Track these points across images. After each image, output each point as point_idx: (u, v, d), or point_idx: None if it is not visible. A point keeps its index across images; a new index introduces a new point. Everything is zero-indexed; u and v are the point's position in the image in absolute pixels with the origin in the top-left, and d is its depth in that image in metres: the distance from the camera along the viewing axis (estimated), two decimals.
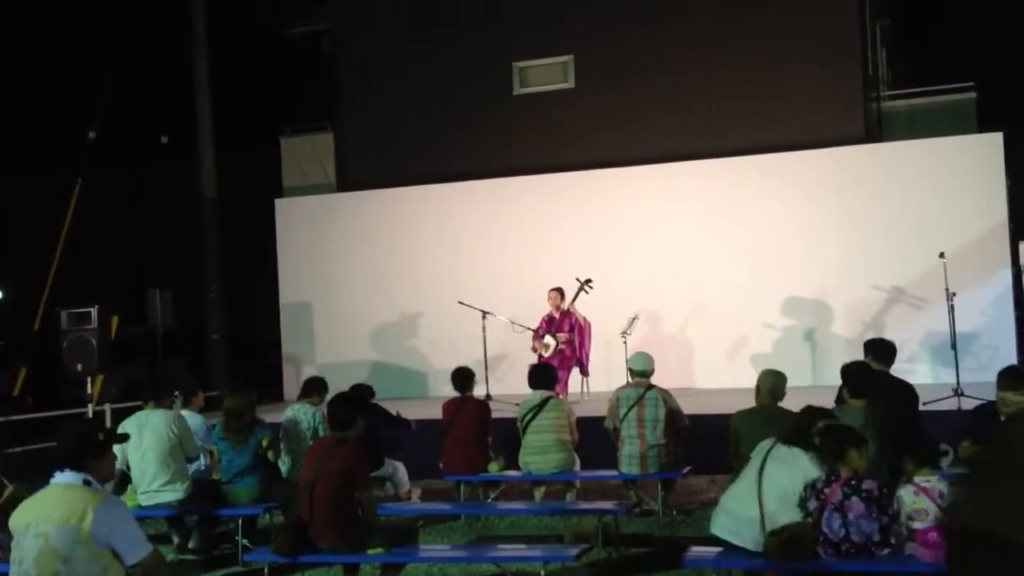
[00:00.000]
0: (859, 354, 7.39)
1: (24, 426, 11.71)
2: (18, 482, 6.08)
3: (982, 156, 12.03)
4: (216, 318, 15.23)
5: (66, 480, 3.99)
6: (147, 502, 7.21)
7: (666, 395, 7.87)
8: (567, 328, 11.30)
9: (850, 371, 6.64)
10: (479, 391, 9.26)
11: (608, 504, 7.19)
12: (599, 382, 11.52)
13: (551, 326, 11.35)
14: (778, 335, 12.33)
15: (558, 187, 13.43)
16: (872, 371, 6.87)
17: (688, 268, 12.69)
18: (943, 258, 10.04)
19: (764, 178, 12.68)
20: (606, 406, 8.09)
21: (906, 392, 6.93)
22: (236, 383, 8.00)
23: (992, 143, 12.09)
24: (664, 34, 13.71)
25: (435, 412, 8.71)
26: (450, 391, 8.61)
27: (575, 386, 11.49)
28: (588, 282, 11.44)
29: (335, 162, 15.69)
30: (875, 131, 13.70)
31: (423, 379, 13.63)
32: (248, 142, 18.78)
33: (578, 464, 8.10)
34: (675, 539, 6.98)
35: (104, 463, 4.17)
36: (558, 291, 11.48)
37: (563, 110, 14.08)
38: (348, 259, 14.22)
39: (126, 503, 4.67)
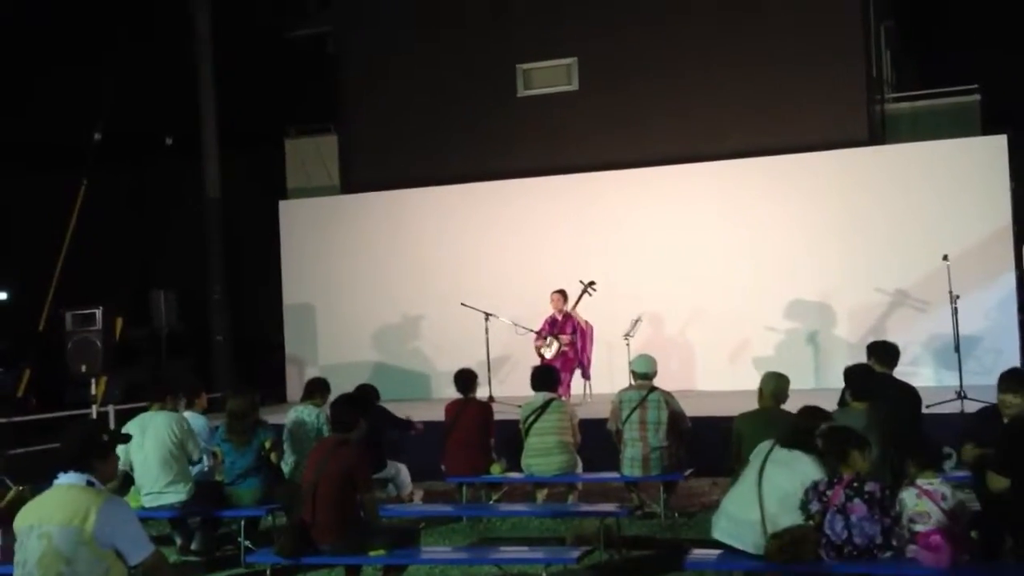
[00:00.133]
0: (862, 357, 7.39)
1: (28, 427, 11.73)
2: (22, 484, 6.10)
3: (986, 159, 12.01)
4: (220, 319, 15.26)
5: (69, 481, 4.00)
6: (150, 504, 7.23)
7: (668, 397, 7.87)
8: (569, 331, 11.30)
9: (853, 374, 6.64)
10: (482, 393, 9.27)
11: (610, 506, 7.17)
12: (601, 384, 11.52)
13: (554, 328, 11.35)
14: (781, 337, 12.32)
15: (561, 189, 13.43)
16: (875, 374, 6.87)
17: (691, 270, 12.68)
18: (946, 261, 10.03)
19: (767, 180, 12.67)
20: (608, 408, 8.09)
21: (909, 395, 6.93)
22: (239, 385, 8.02)
23: (996, 145, 12.07)
24: (668, 36, 13.70)
25: (438, 414, 8.71)
26: (453, 393, 8.61)
27: (577, 388, 11.48)
28: (591, 284, 11.44)
29: (339, 164, 15.70)
30: (879, 133, 13.69)
31: (426, 381, 13.64)
32: (252, 144, 18.82)
33: (580, 466, 8.10)
34: (677, 541, 6.97)
35: (108, 464, 4.19)
36: (561, 293, 11.48)
37: (567, 112, 14.08)
38: (352, 261, 14.24)
39: (129, 504, 4.67)
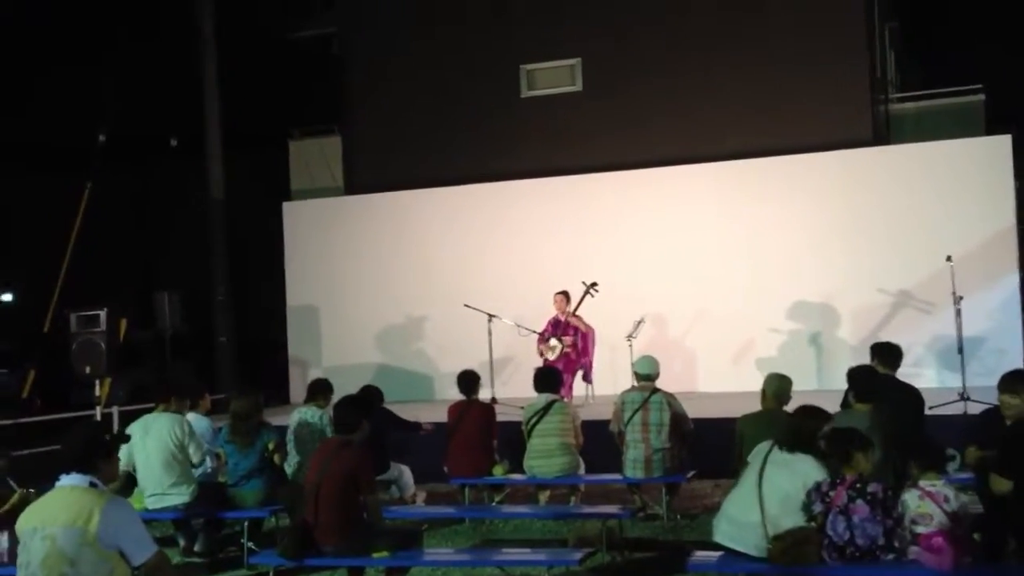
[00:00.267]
0: (865, 358, 7.39)
1: (33, 428, 11.75)
2: (26, 486, 6.11)
3: (990, 159, 11.99)
4: (224, 321, 15.26)
5: (72, 482, 4.01)
6: (154, 505, 7.24)
7: (671, 399, 7.86)
8: (572, 332, 11.29)
9: (856, 375, 6.63)
10: (484, 394, 9.26)
11: (612, 508, 7.18)
12: (604, 386, 11.52)
13: (556, 329, 11.34)
14: (784, 339, 12.31)
15: (565, 190, 13.43)
16: (878, 375, 6.86)
17: (694, 271, 12.67)
18: (950, 261, 10.00)
19: (771, 181, 12.66)
20: (611, 410, 8.09)
21: (912, 396, 6.92)
22: (243, 386, 8.03)
23: (1000, 146, 12.04)
24: (671, 37, 13.70)
25: (440, 415, 8.72)
26: (455, 394, 8.62)
27: (580, 389, 11.49)
28: (594, 285, 11.44)
29: (343, 165, 15.71)
30: (883, 133, 13.67)
31: (429, 382, 13.64)
32: (256, 145, 18.84)
33: (583, 468, 8.09)
34: (679, 543, 6.96)
35: (111, 465, 4.21)
36: (564, 294, 11.48)
37: (570, 113, 14.08)
38: (355, 262, 14.24)
39: (132, 505, 4.69)
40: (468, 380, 8.47)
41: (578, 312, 11.41)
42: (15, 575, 4.05)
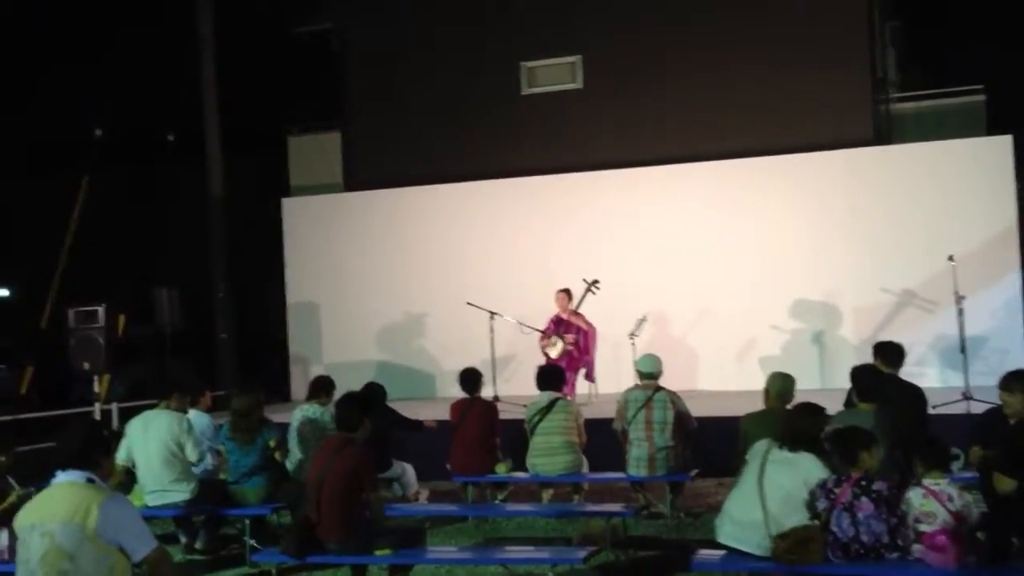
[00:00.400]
0: (868, 357, 7.38)
1: (31, 425, 11.72)
2: (26, 483, 6.08)
3: (991, 159, 11.98)
4: (224, 317, 15.23)
5: (70, 479, 4.00)
6: (154, 502, 7.22)
7: (674, 397, 7.85)
8: (574, 330, 11.27)
9: (859, 374, 6.62)
10: (487, 392, 9.24)
11: (616, 506, 7.17)
12: (607, 384, 11.50)
13: (559, 327, 11.33)
14: (786, 337, 12.30)
15: (566, 188, 13.41)
16: (881, 374, 6.86)
17: (696, 270, 12.66)
18: (952, 261, 10.00)
19: (772, 180, 12.65)
20: (614, 408, 8.07)
21: (915, 396, 6.91)
22: (244, 383, 8.02)
23: (1001, 146, 12.03)
24: (673, 35, 13.67)
25: (443, 413, 8.70)
26: (458, 392, 8.60)
27: (583, 387, 11.48)
28: (595, 283, 11.42)
29: (342, 161, 15.67)
30: (884, 133, 13.65)
31: (431, 380, 13.63)
32: (256, 141, 18.79)
33: (586, 466, 8.08)
34: (683, 542, 6.95)
35: (108, 461, 4.23)
36: (566, 292, 11.47)
37: (571, 110, 14.05)
38: (355, 259, 14.22)
39: (131, 500, 4.68)
40: (471, 378, 8.45)
41: (580, 310, 11.40)
42: (15, 572, 4.02)
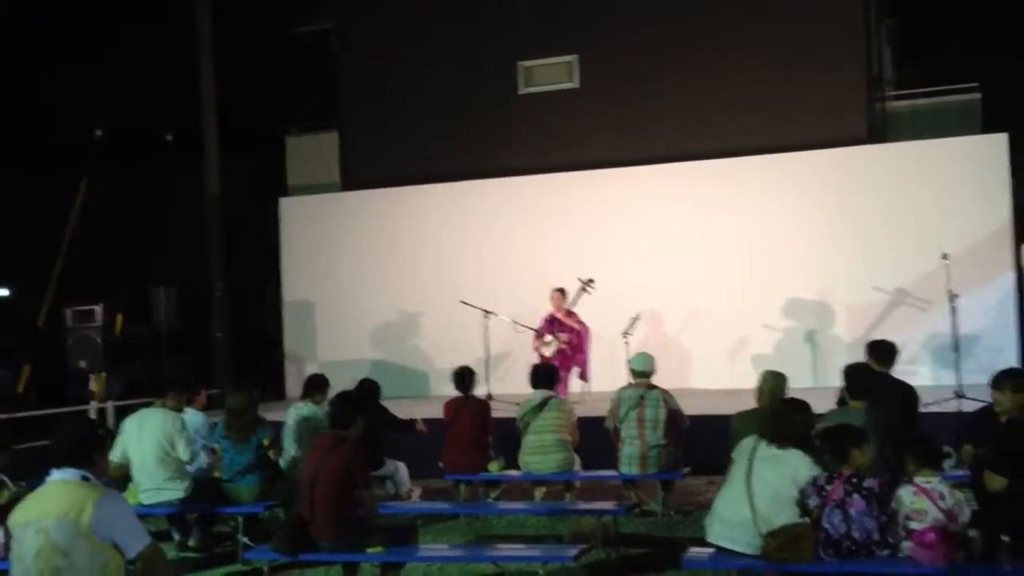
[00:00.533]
0: (860, 355, 7.40)
1: (28, 423, 11.73)
2: (21, 482, 6.09)
3: (986, 157, 11.99)
4: (220, 316, 15.25)
5: (64, 477, 4.02)
6: (148, 500, 7.24)
7: (667, 396, 7.87)
8: (568, 329, 11.29)
9: (851, 372, 6.65)
10: (480, 391, 9.27)
11: (608, 504, 7.19)
12: (600, 382, 11.51)
13: (553, 326, 11.35)
14: (779, 336, 12.32)
15: (561, 187, 13.43)
16: (873, 373, 6.88)
17: (690, 268, 12.68)
18: (946, 259, 10.02)
19: (767, 178, 12.67)
20: (607, 406, 8.10)
21: (906, 394, 6.94)
22: (239, 382, 8.04)
23: (996, 144, 12.03)
24: (669, 34, 13.68)
25: (436, 411, 8.73)
26: (451, 390, 8.62)
27: (576, 386, 11.49)
28: (590, 282, 11.45)
29: (339, 161, 15.69)
30: (879, 132, 13.68)
31: (424, 378, 13.65)
32: (253, 141, 18.80)
33: (578, 464, 8.11)
34: (674, 540, 6.98)
35: (103, 459, 4.26)
36: (560, 291, 11.49)
37: (567, 110, 14.06)
38: (352, 258, 14.24)
39: (125, 497, 4.71)
40: (464, 376, 8.48)
41: (574, 309, 11.42)
42: (9, 569, 4.05)
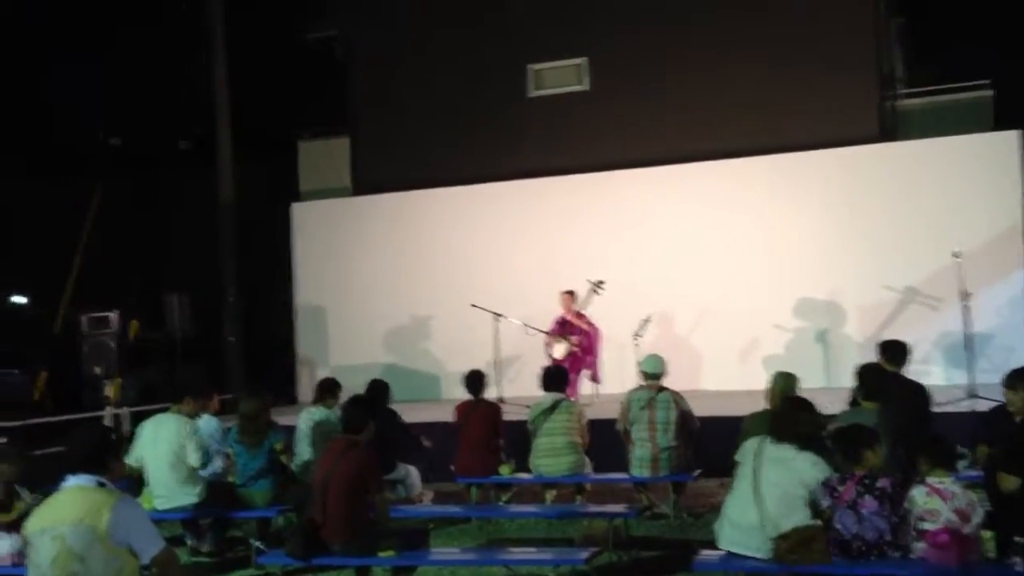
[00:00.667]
0: (871, 355, 7.39)
1: (44, 429, 11.81)
2: (36, 492, 6.13)
3: (998, 155, 11.93)
4: (233, 321, 15.31)
5: (80, 483, 4.06)
6: (162, 506, 7.28)
7: (678, 397, 7.87)
8: (579, 331, 11.30)
9: (863, 373, 6.65)
10: (491, 393, 9.28)
11: (619, 507, 7.19)
12: (611, 384, 11.51)
13: (563, 329, 11.36)
14: (790, 336, 12.29)
15: (570, 189, 13.43)
16: (885, 373, 6.87)
17: (700, 269, 12.66)
18: (958, 258, 9.97)
19: (777, 178, 12.65)
20: (617, 408, 8.10)
21: (918, 394, 6.91)
22: (251, 386, 8.07)
23: (1008, 142, 11.97)
24: (678, 35, 13.67)
25: (447, 415, 8.75)
26: (462, 393, 8.64)
27: (586, 388, 11.49)
28: (600, 284, 11.44)
29: (350, 166, 15.74)
30: (890, 130, 13.62)
31: (436, 381, 13.67)
32: (265, 147, 18.89)
33: (589, 467, 8.11)
34: (686, 542, 6.97)
35: (118, 464, 4.30)
36: (570, 294, 11.50)
37: (577, 112, 14.06)
38: (363, 262, 14.28)
39: (140, 503, 4.75)
40: (475, 380, 8.50)
41: (584, 311, 11.43)
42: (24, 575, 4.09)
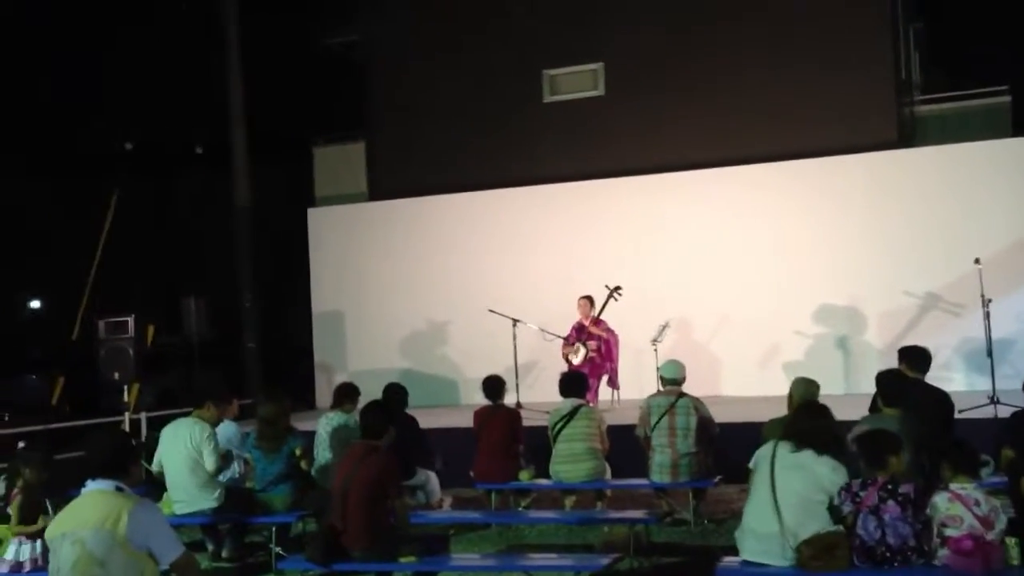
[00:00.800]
0: (893, 362, 7.34)
1: (62, 434, 11.86)
2: (60, 502, 6.13)
3: (1017, 160, 11.88)
4: (250, 326, 15.35)
5: (99, 487, 4.07)
6: (181, 511, 7.29)
7: (698, 403, 7.84)
8: (597, 337, 11.27)
9: (884, 379, 6.58)
10: (510, 399, 9.26)
11: (639, 513, 7.15)
12: (630, 390, 11.49)
13: (581, 334, 11.34)
14: (810, 342, 12.23)
15: (588, 194, 13.43)
16: (907, 379, 6.81)
17: (719, 275, 12.63)
18: (978, 264, 9.91)
19: (795, 184, 12.61)
20: (637, 414, 8.07)
21: (941, 400, 6.87)
22: (270, 391, 8.06)
23: None
24: (694, 41, 13.65)
25: (466, 420, 8.74)
26: (481, 399, 8.63)
27: (605, 394, 11.46)
28: (617, 289, 11.41)
29: (366, 171, 15.78)
30: (908, 136, 13.58)
31: (454, 387, 13.67)
32: (282, 152, 18.97)
33: (609, 473, 8.08)
34: (707, 548, 6.94)
35: (137, 469, 4.30)
36: (588, 299, 11.47)
37: (593, 117, 14.07)
38: (380, 267, 14.30)
39: (159, 507, 4.76)
40: (494, 385, 8.48)
41: (602, 317, 11.40)
42: None
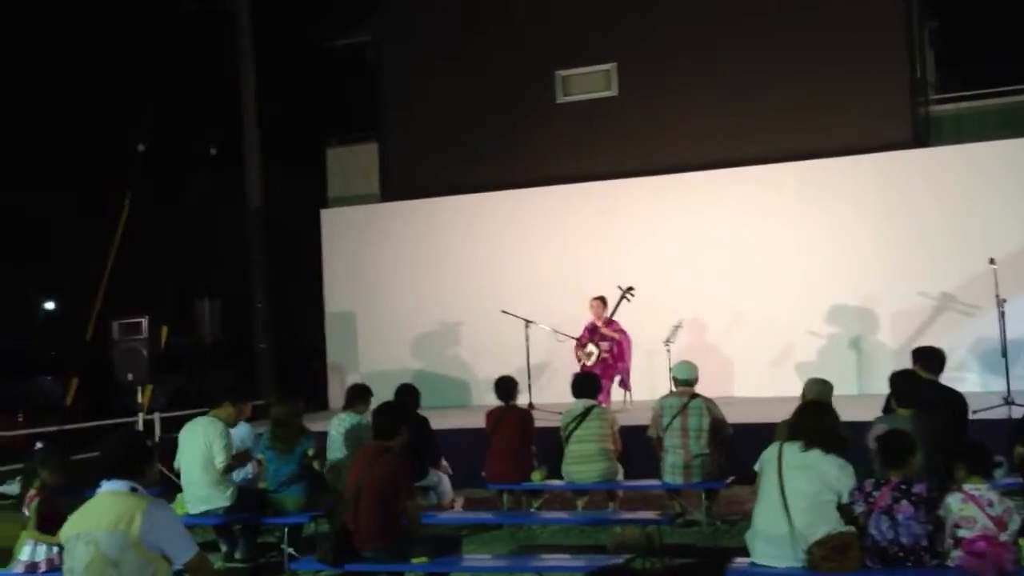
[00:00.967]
0: (906, 362, 7.31)
1: (76, 435, 11.92)
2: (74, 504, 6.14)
3: None
4: (263, 327, 15.40)
5: (113, 488, 4.08)
6: (194, 509, 7.32)
7: (710, 404, 7.82)
8: (609, 338, 11.26)
9: (898, 380, 6.56)
10: (522, 400, 9.26)
11: (651, 514, 7.14)
12: (642, 391, 11.48)
13: (594, 335, 11.32)
14: (823, 343, 12.19)
15: (601, 195, 13.41)
16: (921, 380, 6.79)
17: (732, 276, 12.59)
18: (993, 264, 9.86)
19: (809, 184, 12.56)
20: (649, 415, 8.06)
21: (956, 401, 6.84)
22: (283, 392, 8.08)
23: None
24: (708, 40, 13.62)
25: (478, 421, 8.74)
26: (493, 400, 8.63)
27: (618, 395, 11.44)
28: (630, 290, 11.40)
29: (379, 172, 15.80)
30: (923, 135, 13.51)
31: (466, 388, 13.67)
32: (294, 153, 19.03)
33: (621, 474, 8.07)
34: (719, 549, 6.92)
35: (151, 470, 4.31)
36: (600, 300, 11.45)
37: (606, 118, 14.05)
38: (392, 268, 14.32)
39: (172, 507, 4.77)
40: (506, 386, 8.48)
41: (615, 317, 11.39)
42: None
